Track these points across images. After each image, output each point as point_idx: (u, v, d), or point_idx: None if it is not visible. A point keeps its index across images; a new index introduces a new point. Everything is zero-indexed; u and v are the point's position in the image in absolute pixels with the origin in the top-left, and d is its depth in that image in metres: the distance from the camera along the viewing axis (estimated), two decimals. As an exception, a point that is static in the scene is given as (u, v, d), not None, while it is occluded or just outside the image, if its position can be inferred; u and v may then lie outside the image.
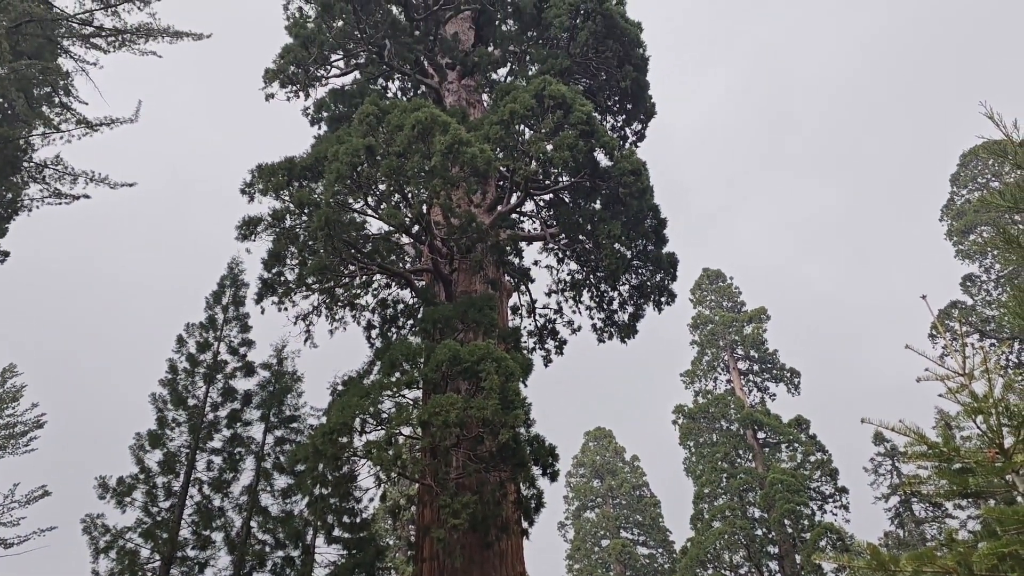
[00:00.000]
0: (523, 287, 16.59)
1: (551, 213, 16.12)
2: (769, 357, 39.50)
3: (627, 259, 14.31)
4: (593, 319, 16.11)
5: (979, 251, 36.98)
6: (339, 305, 14.41)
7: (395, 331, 14.98)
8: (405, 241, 14.32)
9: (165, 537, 14.89)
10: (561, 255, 16.05)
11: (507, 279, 15.49)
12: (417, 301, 14.71)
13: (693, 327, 42.46)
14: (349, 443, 9.67)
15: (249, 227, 12.25)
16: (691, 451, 37.31)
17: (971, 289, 36.98)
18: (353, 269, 12.78)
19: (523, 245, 15.93)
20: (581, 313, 16.31)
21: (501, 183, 14.76)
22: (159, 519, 15.24)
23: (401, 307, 15.26)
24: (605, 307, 15.82)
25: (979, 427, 4.30)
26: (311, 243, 11.95)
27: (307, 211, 11.82)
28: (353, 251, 12.02)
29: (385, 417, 9.99)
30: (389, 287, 15.42)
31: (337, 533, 15.40)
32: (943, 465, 4.40)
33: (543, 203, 16.38)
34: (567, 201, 14.90)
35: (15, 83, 17.41)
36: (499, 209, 14.05)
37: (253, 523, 15.96)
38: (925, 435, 4.43)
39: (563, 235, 14.75)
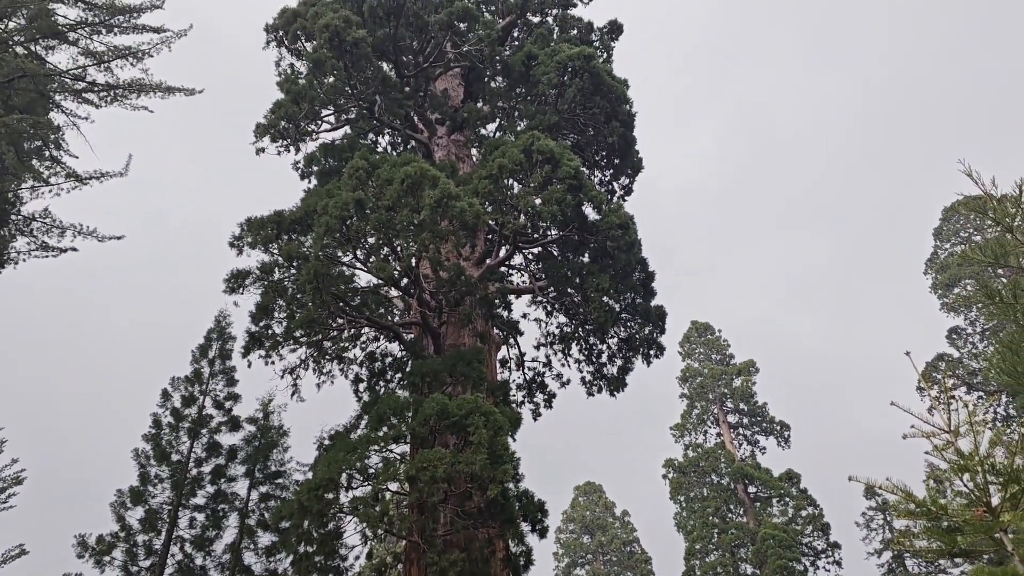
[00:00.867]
0: (512, 340, 16.56)
1: (540, 266, 16.19)
2: (759, 410, 39.40)
3: (615, 312, 14.34)
4: (582, 372, 16.06)
5: (964, 304, 37.30)
6: (327, 358, 14.33)
7: (383, 385, 14.87)
8: (394, 294, 14.32)
9: (145, 597, 14.53)
10: (550, 308, 16.06)
11: (496, 332, 15.48)
12: (405, 354, 14.65)
13: (682, 380, 42.40)
14: (335, 499, 9.54)
15: (237, 280, 12.24)
16: (682, 506, 36.93)
17: (957, 342, 37.19)
18: (341, 322, 12.75)
19: (512, 298, 15.96)
20: (570, 366, 16.26)
21: (490, 236, 14.85)
22: (139, 579, 14.88)
23: (389, 360, 15.18)
24: (594, 360, 15.78)
25: (966, 485, 4.28)
26: (299, 296, 11.94)
27: (296, 264, 11.83)
28: (341, 304, 12.01)
29: (372, 472, 9.87)
30: (377, 340, 15.36)
31: (322, 592, 15.05)
32: (932, 524, 4.36)
33: (532, 256, 16.45)
34: (555, 254, 14.98)
35: (6, 137, 17.51)
36: (488, 262, 14.11)
37: (236, 582, 15.59)
38: (912, 493, 4.40)
39: (552, 288, 14.79)
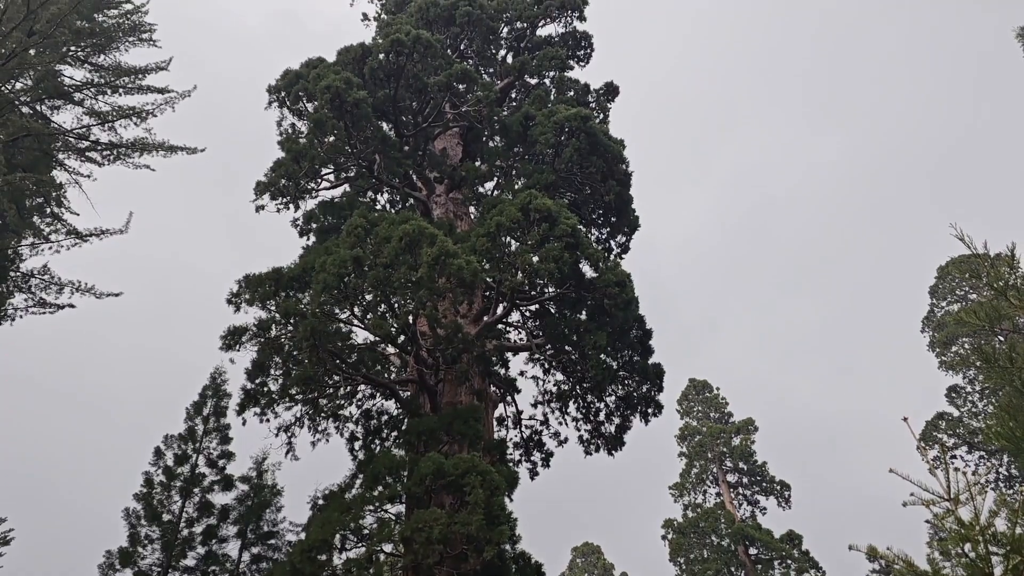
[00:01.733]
0: (509, 398, 16.47)
1: (537, 323, 16.19)
2: (758, 469, 38.96)
3: (613, 370, 14.28)
4: (580, 430, 15.93)
5: (962, 363, 37.20)
6: (322, 416, 14.23)
7: (379, 443, 14.74)
8: (391, 351, 14.28)
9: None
10: (547, 365, 16.01)
11: (493, 390, 15.40)
12: (402, 412, 14.55)
13: (681, 438, 42.01)
14: (329, 561, 9.37)
15: (234, 337, 12.22)
16: (682, 568, 36.22)
17: (956, 400, 36.97)
18: (338, 379, 12.69)
19: (509, 355, 15.92)
20: (568, 424, 16.13)
21: (487, 293, 14.88)
22: (126, 644, 14.51)
23: (385, 418, 15.08)
24: (592, 418, 15.67)
25: (967, 555, 4.21)
26: (296, 353, 11.90)
27: (293, 321, 11.82)
28: (338, 361, 11.97)
29: (366, 533, 9.71)
30: (373, 398, 15.27)
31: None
32: (934, 594, 4.27)
33: (529, 313, 16.47)
34: (553, 312, 14.99)
35: (8, 195, 17.66)
36: (485, 319, 14.11)
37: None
38: (914, 563, 4.32)
39: (549, 345, 14.77)
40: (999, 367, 4.06)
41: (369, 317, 11.82)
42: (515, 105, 20.82)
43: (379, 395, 15.13)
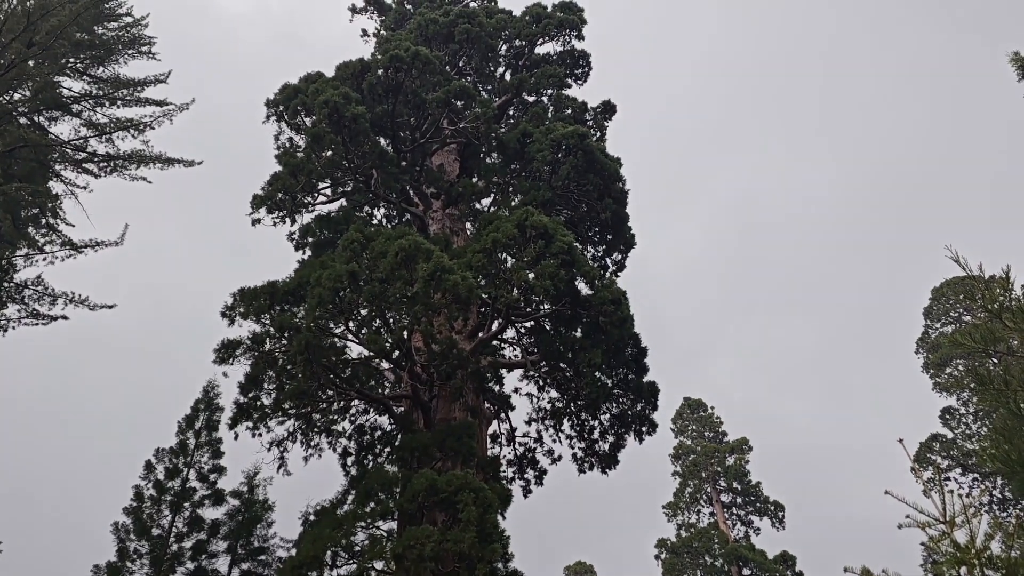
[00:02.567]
0: (503, 414, 16.42)
1: (532, 340, 16.16)
2: (752, 489, 38.84)
3: (608, 388, 14.25)
4: (574, 448, 15.86)
5: (956, 385, 37.22)
6: (315, 431, 14.16)
7: (372, 458, 14.66)
8: (385, 367, 14.23)
9: None
10: (542, 383, 15.97)
11: (487, 406, 15.35)
12: (395, 428, 14.49)
13: (675, 457, 41.91)
14: (319, 578, 9.28)
15: (228, 350, 12.17)
16: (675, 588, 36.03)
17: (951, 422, 36.94)
18: (331, 394, 12.64)
19: (504, 372, 15.88)
20: (561, 442, 16.07)
21: (483, 310, 14.87)
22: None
23: (379, 434, 15.01)
24: (586, 436, 15.61)
25: (963, 579, 4.19)
26: (290, 367, 11.86)
27: (287, 335, 11.79)
28: (332, 376, 11.93)
29: (358, 550, 9.64)
30: (367, 413, 15.21)
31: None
32: (930, 617, 4.26)
33: (524, 330, 16.45)
34: (548, 329, 14.97)
35: (3, 205, 17.64)
36: (480, 336, 14.09)
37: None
38: (910, 586, 4.30)
39: (544, 363, 14.74)
40: (993, 389, 4.06)
41: (364, 332, 11.79)
42: (513, 122, 20.90)
43: (373, 410, 15.08)
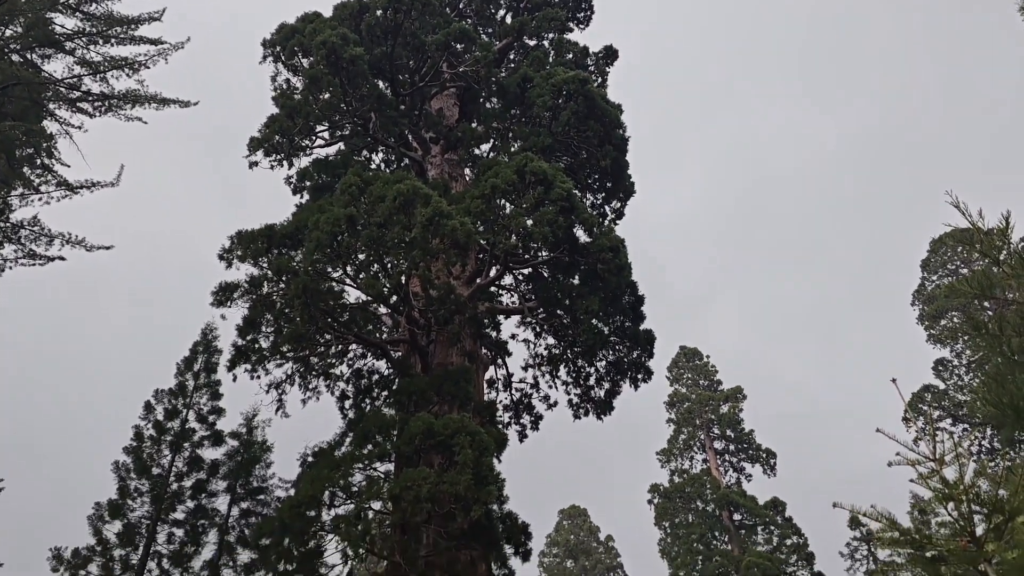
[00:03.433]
0: (500, 360, 16.53)
1: (529, 287, 16.19)
2: (745, 437, 39.35)
3: (604, 335, 14.32)
4: (569, 394, 16.02)
5: (950, 336, 37.46)
6: (313, 374, 14.25)
7: (369, 402, 14.79)
8: (383, 311, 14.27)
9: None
10: (539, 329, 16.04)
11: (484, 352, 15.44)
12: (392, 372, 14.59)
13: (669, 405, 42.35)
14: (317, 517, 9.45)
15: (225, 293, 12.16)
16: (666, 532, 36.76)
17: (943, 373, 37.29)
18: (329, 338, 12.69)
19: (501, 318, 15.93)
20: (557, 388, 16.22)
21: (481, 256, 14.85)
22: (115, 593, 14.65)
23: (376, 378, 15.12)
24: (582, 383, 15.75)
25: (950, 514, 4.26)
26: (288, 311, 11.87)
27: (285, 279, 11.77)
28: (330, 320, 11.96)
29: (355, 491, 9.78)
30: (365, 357, 15.30)
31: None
32: (916, 553, 4.33)
33: (522, 277, 16.46)
34: (546, 276, 14.98)
35: (-2, 144, 17.45)
36: (478, 282, 14.10)
37: (213, 599, 15.38)
38: (897, 521, 4.38)
39: (541, 309, 14.78)
40: (988, 334, 4.08)
41: (362, 276, 11.78)
42: (513, 67, 20.58)
43: (370, 355, 15.16)
